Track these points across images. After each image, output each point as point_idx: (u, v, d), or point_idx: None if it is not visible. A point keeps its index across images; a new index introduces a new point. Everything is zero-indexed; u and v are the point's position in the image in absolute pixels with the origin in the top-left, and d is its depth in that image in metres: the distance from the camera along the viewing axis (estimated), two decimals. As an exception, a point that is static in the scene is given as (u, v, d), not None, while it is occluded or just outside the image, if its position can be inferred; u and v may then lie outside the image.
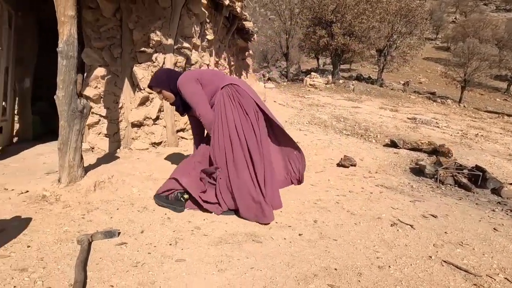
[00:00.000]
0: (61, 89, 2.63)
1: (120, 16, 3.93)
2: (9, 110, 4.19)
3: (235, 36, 6.52)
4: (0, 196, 2.55)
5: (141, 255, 1.89)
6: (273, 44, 24.85)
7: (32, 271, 1.64)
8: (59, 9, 2.57)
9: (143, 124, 4.09)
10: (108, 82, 4.01)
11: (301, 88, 16.62)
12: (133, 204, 2.66)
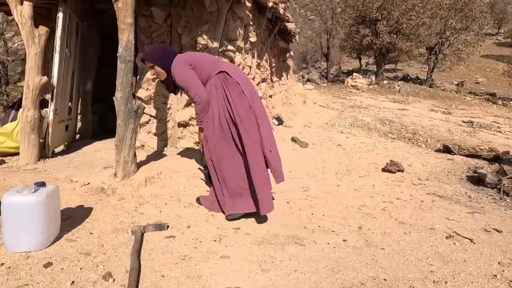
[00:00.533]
0: (119, 91, 2.87)
1: (170, 22, 4.17)
2: (74, 110, 4.67)
3: (277, 38, 6.54)
4: (67, 186, 2.85)
5: (188, 249, 1.97)
6: (313, 45, 24.42)
7: (95, 256, 1.81)
8: (120, 17, 2.80)
9: (189, 124, 4.27)
10: (158, 85, 4.26)
11: (342, 89, 16.10)
12: (179, 200, 2.80)
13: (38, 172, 3.25)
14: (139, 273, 1.64)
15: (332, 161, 4.46)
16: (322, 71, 24.32)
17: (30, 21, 3.45)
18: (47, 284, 1.53)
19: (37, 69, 3.51)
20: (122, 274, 1.66)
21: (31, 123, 3.50)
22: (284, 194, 3.12)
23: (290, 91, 7.56)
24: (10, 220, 1.74)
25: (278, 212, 2.63)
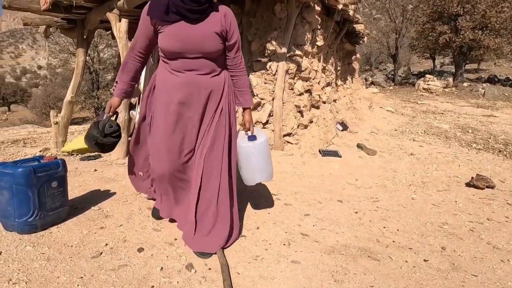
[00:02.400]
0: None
1: (241, 30, 4.38)
2: (154, 112, 5.23)
3: (343, 40, 6.33)
4: (150, 181, 3.20)
5: (259, 249, 2.03)
6: (378, 46, 22.93)
7: (177, 247, 1.99)
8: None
9: (254, 127, 4.41)
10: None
11: (412, 92, 14.74)
12: (247, 201, 2.90)
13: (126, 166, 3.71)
14: (229, 268, 1.75)
15: (404, 172, 4.11)
16: (388, 73, 22.66)
17: (126, 35, 3.98)
18: (141, 267, 1.75)
19: (129, 76, 4.03)
20: (202, 266, 1.80)
21: (122, 123, 4.03)
22: (351, 203, 2.99)
23: (355, 95, 7.23)
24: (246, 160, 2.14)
25: (345, 222, 2.54)
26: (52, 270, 1.65)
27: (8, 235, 1.97)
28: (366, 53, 25.77)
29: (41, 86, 46.42)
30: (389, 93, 14.70)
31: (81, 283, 1.57)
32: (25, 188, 1.90)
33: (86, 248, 1.90)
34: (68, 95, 4.71)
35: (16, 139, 6.79)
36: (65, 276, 1.61)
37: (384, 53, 23.47)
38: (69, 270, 1.66)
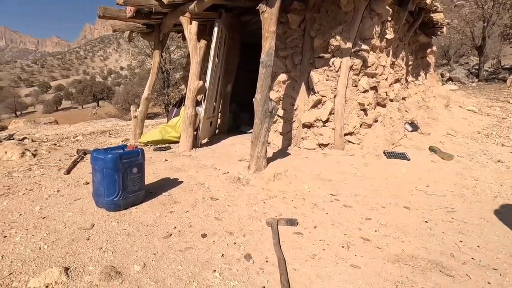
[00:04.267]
0: (259, 93, 3.19)
1: (304, 27, 4.32)
2: (217, 109, 5.53)
3: (417, 32, 5.72)
4: (213, 173, 3.41)
5: (316, 249, 2.00)
6: (460, 36, 20.09)
7: (236, 237, 2.09)
8: (265, 26, 3.11)
9: (313, 125, 4.33)
10: (288, 87, 4.51)
11: (501, 90, 12.58)
12: (304, 199, 2.87)
13: (192, 158, 4.02)
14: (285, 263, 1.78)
15: (488, 181, 3.56)
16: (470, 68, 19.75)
17: (195, 36, 4.29)
18: (204, 252, 1.88)
19: (196, 74, 4.34)
20: (259, 258, 1.85)
21: (190, 118, 4.37)
22: (420, 211, 2.72)
23: (428, 93, 6.49)
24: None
25: (413, 231, 2.32)
26: (132, 244, 1.90)
27: (99, 211, 2.32)
28: (444, 46, 22.82)
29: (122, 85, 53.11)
30: (472, 90, 12.79)
31: (154, 258, 1.76)
32: (113, 172, 2.22)
33: (158, 228, 2.12)
34: (145, 92, 5.29)
35: (103, 130, 7.93)
36: (141, 251, 1.84)
37: (467, 45, 20.45)
38: (145, 246, 1.88)
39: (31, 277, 1.53)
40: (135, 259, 1.74)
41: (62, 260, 1.69)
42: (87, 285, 1.50)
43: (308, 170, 3.55)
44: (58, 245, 1.83)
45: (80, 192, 2.70)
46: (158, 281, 1.56)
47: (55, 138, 6.01)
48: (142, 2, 4.17)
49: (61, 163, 3.66)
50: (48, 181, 2.98)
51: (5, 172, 3.27)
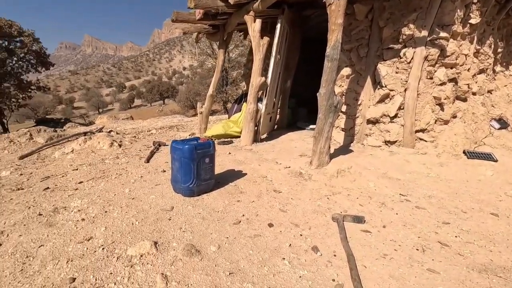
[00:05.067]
0: (323, 87, 3.15)
1: (371, 17, 4.09)
2: (276, 105, 5.61)
3: (510, 14, 4.91)
4: (275, 167, 3.49)
5: (387, 249, 1.91)
6: None
7: (302, 229, 2.12)
8: (331, 19, 3.04)
9: (379, 121, 4.09)
10: (352, 81, 4.34)
11: None
12: (370, 197, 2.75)
13: (253, 152, 4.17)
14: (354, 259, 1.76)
15: None
16: None
17: (258, 34, 4.40)
18: (272, 240, 1.96)
19: (259, 71, 4.46)
20: (327, 251, 1.85)
21: (251, 114, 4.52)
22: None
23: (521, 85, 5.55)
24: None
25: (503, 240, 2.05)
26: (207, 227, 2.07)
27: (176, 196, 2.58)
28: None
29: (184, 84, 57.26)
30: None
31: (227, 242, 1.90)
32: (189, 161, 2.44)
33: (228, 215, 2.28)
34: (210, 90, 5.63)
35: (171, 125, 8.68)
36: (215, 234, 1.99)
37: None
38: (218, 230, 2.04)
39: (129, 246, 1.79)
40: (210, 240, 1.90)
41: (150, 235, 1.94)
42: (172, 258, 1.69)
43: (373, 168, 3.38)
44: (146, 223, 2.10)
45: (159, 179, 3.04)
46: (232, 262, 1.69)
47: (133, 131, 6.81)
48: (210, 4, 4.44)
49: (141, 153, 4.14)
50: (132, 168, 3.41)
51: (99, 158, 3.85)
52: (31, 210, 2.35)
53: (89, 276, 1.55)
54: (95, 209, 2.31)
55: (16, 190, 2.85)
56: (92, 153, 4.10)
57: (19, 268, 1.66)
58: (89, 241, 1.87)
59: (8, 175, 3.32)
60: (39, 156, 4.06)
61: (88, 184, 2.91)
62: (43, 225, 2.10)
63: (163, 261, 1.67)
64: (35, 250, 1.82)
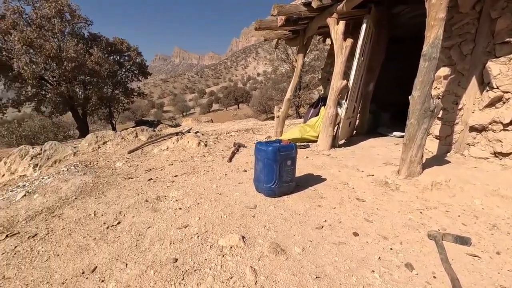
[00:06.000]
0: (417, 90, 2.85)
1: (480, 8, 3.53)
2: (357, 109, 5.33)
3: None
4: (356, 174, 3.31)
5: (504, 280, 1.61)
6: None
7: (392, 243, 1.95)
8: (431, 13, 2.74)
9: (487, 128, 3.47)
10: (450, 82, 3.81)
11: None
12: (476, 217, 2.36)
13: (332, 158, 4.04)
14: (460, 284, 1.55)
15: None
16: None
17: (342, 36, 4.27)
18: (359, 250, 1.86)
19: (340, 74, 4.32)
20: (424, 271, 1.66)
21: (330, 118, 4.40)
22: None
23: None
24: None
25: None
26: (289, 228, 2.10)
27: (258, 195, 2.69)
28: None
29: (258, 89, 59.46)
30: None
31: (311, 245, 1.89)
32: (272, 162, 2.52)
33: (310, 219, 2.26)
34: (288, 94, 5.71)
35: (246, 128, 9.11)
36: (298, 236, 2.00)
37: None
38: (300, 233, 2.05)
39: (219, 237, 1.95)
40: (294, 242, 1.92)
41: (237, 229, 2.07)
42: (259, 254, 1.77)
43: (479, 183, 2.88)
44: (233, 217, 2.25)
45: (241, 177, 3.22)
46: (318, 266, 1.67)
47: (214, 133, 7.39)
48: (292, 10, 4.52)
49: (224, 153, 4.47)
50: (217, 166, 3.70)
51: (189, 156, 4.30)
52: (140, 197, 2.78)
53: (188, 259, 1.75)
54: (189, 201, 2.59)
55: (128, 179, 3.41)
56: (183, 151, 4.62)
57: (134, 244, 1.98)
58: (186, 228, 2.11)
59: (121, 166, 4.00)
60: (142, 151, 4.77)
61: (182, 178, 3.28)
62: (150, 210, 2.46)
63: (251, 255, 1.76)
64: (145, 231, 2.14)
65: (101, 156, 4.61)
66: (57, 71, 15.17)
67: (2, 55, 14.03)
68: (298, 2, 4.68)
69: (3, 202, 3.13)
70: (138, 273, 1.67)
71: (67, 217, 2.57)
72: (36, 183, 3.63)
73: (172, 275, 1.62)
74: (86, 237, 2.16)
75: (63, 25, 15.19)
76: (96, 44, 17.05)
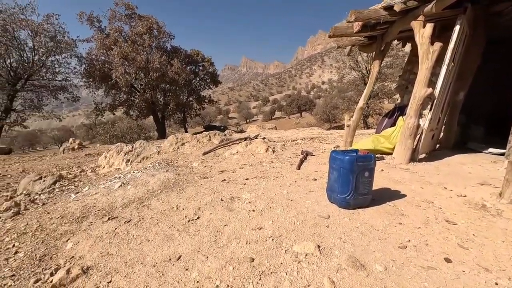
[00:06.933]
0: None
1: None
2: (442, 120, 4.76)
3: None
4: (442, 192, 2.94)
5: None
6: None
7: (497, 277, 1.66)
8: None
9: None
10: None
11: None
12: None
13: (411, 173, 3.68)
14: None
15: None
16: None
17: (428, 40, 3.90)
18: (453, 279, 1.64)
19: (425, 81, 3.93)
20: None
21: (411, 129, 4.03)
22: None
23: None
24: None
25: None
26: (367, 243, 1.97)
27: (331, 205, 2.61)
28: None
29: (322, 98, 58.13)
30: None
31: (395, 265, 1.74)
32: (348, 172, 2.42)
33: (390, 236, 2.08)
34: (360, 102, 5.43)
35: (311, 137, 8.95)
36: (378, 253, 1.87)
37: None
38: (381, 250, 1.90)
39: (294, 243, 1.95)
40: (374, 259, 1.79)
41: (311, 237, 2.04)
42: (337, 266, 1.70)
43: None
44: (306, 225, 2.23)
45: (311, 186, 3.17)
46: (404, 290, 1.52)
47: (279, 140, 7.46)
48: (372, 15, 4.32)
49: (291, 160, 4.47)
50: (286, 173, 3.72)
51: (258, 161, 4.43)
52: (215, 195, 2.97)
53: (264, 260, 1.79)
54: (261, 204, 2.66)
55: (203, 178, 3.68)
56: (252, 155, 4.78)
57: (213, 239, 2.11)
58: (260, 230, 2.16)
59: (197, 165, 4.34)
60: (215, 154, 5.10)
61: (253, 181, 3.39)
62: (225, 209, 2.60)
63: (328, 266, 1.70)
64: (222, 228, 2.27)
65: (180, 155, 5.09)
66: (144, 80, 17.42)
67: (105, 67, 16.77)
68: (378, 7, 4.45)
69: (105, 190, 3.70)
70: (218, 267, 1.77)
71: (154, 207, 2.89)
72: (128, 176, 4.20)
73: (249, 274, 1.67)
74: (171, 228, 2.39)
75: (151, 40, 17.42)
76: (176, 56, 19.06)
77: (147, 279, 1.76)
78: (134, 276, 1.81)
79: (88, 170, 5.60)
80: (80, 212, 3.03)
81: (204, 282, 1.66)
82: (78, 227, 2.69)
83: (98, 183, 4.36)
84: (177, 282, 1.70)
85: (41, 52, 14.42)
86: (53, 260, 2.16)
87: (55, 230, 2.69)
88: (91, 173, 5.39)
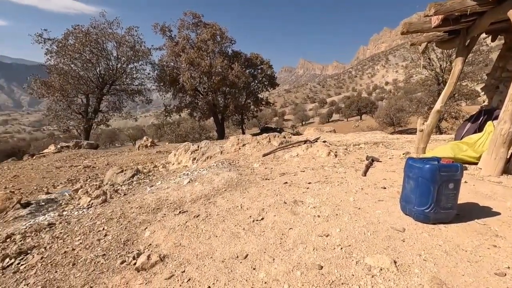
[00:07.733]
0: None
1: None
2: (547, 126, 3.96)
3: None
4: (552, 213, 2.44)
5: None
6: None
7: None
8: None
9: None
10: None
11: None
12: None
13: (505, 187, 3.14)
14: None
15: None
16: None
17: (532, 31, 3.29)
18: None
19: (526, 81, 3.33)
20: None
21: (505, 136, 3.45)
22: None
23: None
24: None
25: None
26: (454, 265, 1.74)
27: (405, 218, 2.38)
28: None
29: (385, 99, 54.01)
30: None
31: (492, 295, 1.49)
32: (429, 183, 2.17)
33: (482, 260, 1.80)
34: (437, 105, 4.87)
35: (375, 141, 8.36)
36: (469, 277, 1.63)
37: None
38: (472, 274, 1.66)
39: (365, 255, 1.82)
40: (464, 284, 1.57)
41: (385, 251, 1.88)
42: (417, 286, 1.54)
43: None
44: (377, 237, 2.07)
45: (381, 195, 2.94)
46: (507, 325, 1.30)
47: (340, 143, 7.14)
48: (456, 6, 3.84)
49: (355, 165, 4.23)
50: (351, 179, 3.54)
51: (319, 165, 4.31)
52: (278, 198, 2.97)
53: (333, 269, 1.71)
54: (327, 210, 2.57)
55: (265, 179, 3.72)
56: (313, 159, 4.67)
57: (279, 241, 2.11)
58: (327, 237, 2.09)
59: (258, 167, 4.42)
60: (275, 156, 5.13)
61: (316, 186, 3.30)
62: (289, 212, 2.58)
63: (407, 285, 1.55)
64: (287, 231, 2.25)
65: (241, 156, 5.25)
66: (207, 83, 18.54)
67: (174, 72, 18.35)
68: (463, -4, 3.94)
69: (175, 185, 4.02)
70: (285, 270, 1.76)
71: (220, 205, 3.03)
72: (195, 173, 4.49)
73: (318, 282, 1.62)
74: (237, 226, 2.47)
75: (215, 45, 18.44)
76: (237, 60, 19.81)
77: (216, 274, 1.84)
78: (205, 269, 1.91)
79: (160, 166, 6.17)
80: (155, 204, 3.35)
81: (272, 284, 1.67)
82: (153, 218, 2.96)
83: (168, 179, 4.76)
84: (245, 280, 1.74)
85: (123, 60, 16.51)
86: (135, 245, 2.42)
87: (135, 218, 3.01)
88: (162, 169, 5.92)
